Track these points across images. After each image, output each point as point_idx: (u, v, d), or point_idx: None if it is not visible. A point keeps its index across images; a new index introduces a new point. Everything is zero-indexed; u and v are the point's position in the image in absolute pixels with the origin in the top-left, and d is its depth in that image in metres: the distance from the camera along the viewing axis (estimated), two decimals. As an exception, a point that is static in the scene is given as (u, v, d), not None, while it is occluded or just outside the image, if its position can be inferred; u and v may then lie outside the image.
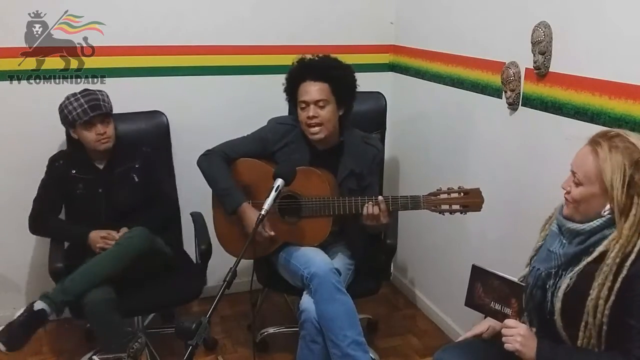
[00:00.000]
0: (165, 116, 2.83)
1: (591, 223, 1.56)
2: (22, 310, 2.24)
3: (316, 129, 2.37)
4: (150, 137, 2.78)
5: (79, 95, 2.44)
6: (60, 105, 2.46)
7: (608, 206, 1.53)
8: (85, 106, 2.41)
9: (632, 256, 1.48)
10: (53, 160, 2.54)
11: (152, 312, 2.87)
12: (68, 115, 2.42)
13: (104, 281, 2.28)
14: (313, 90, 2.36)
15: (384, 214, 2.28)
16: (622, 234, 1.50)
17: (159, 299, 2.50)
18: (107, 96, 2.52)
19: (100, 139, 2.46)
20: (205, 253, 2.51)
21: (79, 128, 2.45)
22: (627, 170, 1.49)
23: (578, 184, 1.57)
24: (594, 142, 1.55)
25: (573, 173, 1.59)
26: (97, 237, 2.42)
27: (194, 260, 2.73)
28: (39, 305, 2.23)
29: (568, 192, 1.61)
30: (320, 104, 2.36)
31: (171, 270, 2.55)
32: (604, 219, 1.54)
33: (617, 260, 1.49)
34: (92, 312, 2.25)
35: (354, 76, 2.45)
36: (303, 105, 2.38)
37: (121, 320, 2.32)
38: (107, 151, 2.52)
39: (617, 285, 1.49)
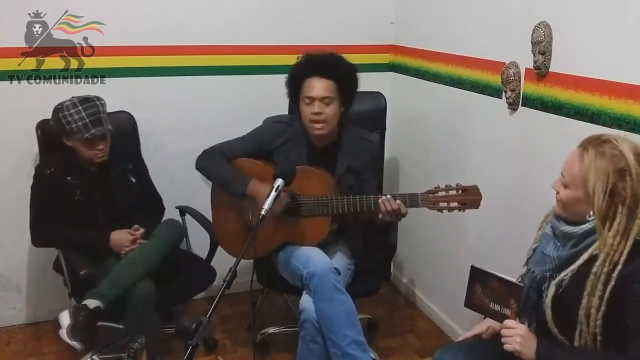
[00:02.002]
0: (132, 115, 2.78)
1: (582, 226, 1.56)
2: (69, 314, 2.23)
3: (320, 125, 2.38)
4: (126, 136, 2.74)
5: (80, 107, 2.35)
6: (58, 111, 2.37)
7: (592, 211, 1.53)
8: (87, 120, 2.34)
9: (619, 266, 1.48)
10: (42, 169, 2.47)
11: (175, 304, 2.86)
12: (66, 125, 2.35)
13: (146, 274, 2.33)
14: (319, 86, 2.36)
15: (402, 205, 2.27)
16: (605, 243, 1.50)
17: (182, 289, 2.55)
18: (105, 105, 2.45)
19: (98, 154, 2.43)
20: (215, 241, 2.59)
21: (77, 141, 2.39)
22: (610, 178, 1.48)
23: (565, 187, 1.59)
24: (583, 146, 1.55)
25: (561, 174, 1.61)
26: (123, 240, 2.43)
27: (188, 251, 2.80)
28: (94, 303, 2.24)
29: (557, 192, 1.62)
30: (326, 100, 2.37)
31: (177, 263, 2.58)
32: (594, 222, 1.54)
33: (604, 269, 1.49)
34: (141, 303, 2.28)
35: (357, 74, 2.46)
36: (308, 100, 2.38)
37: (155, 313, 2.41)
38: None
39: (607, 295, 1.48)
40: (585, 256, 1.54)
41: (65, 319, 2.24)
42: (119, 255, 2.43)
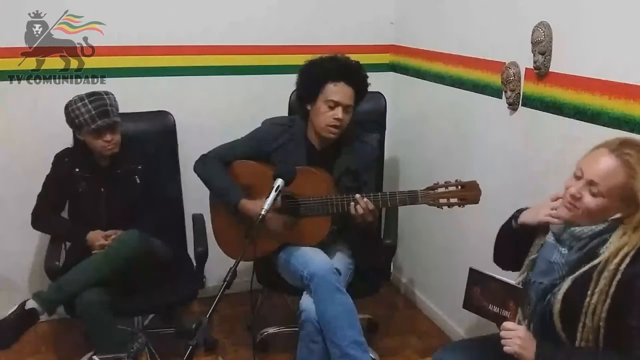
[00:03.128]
0: (172, 116, 2.82)
1: (593, 227, 1.55)
2: (14, 309, 2.24)
3: (336, 130, 2.39)
4: (154, 137, 2.79)
5: (87, 100, 2.38)
6: (67, 106, 2.41)
7: (619, 215, 1.51)
8: (93, 112, 2.36)
9: (627, 259, 1.48)
10: (59, 157, 2.53)
11: (148, 313, 2.86)
12: (75, 119, 2.39)
13: (98, 282, 2.28)
14: (347, 93, 2.37)
15: (367, 211, 2.28)
16: (630, 242, 1.49)
17: (155, 300, 2.49)
18: (114, 99, 2.47)
19: (107, 146, 2.44)
20: (201, 256, 2.50)
21: (86, 134, 2.41)
22: None
23: (597, 195, 1.51)
24: (621, 153, 1.49)
25: (590, 182, 1.51)
26: (96, 238, 2.41)
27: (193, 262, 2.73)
28: (31, 304, 2.24)
29: (578, 199, 1.54)
30: (348, 109, 2.38)
31: (169, 272, 2.54)
32: (606, 223, 1.53)
33: (620, 266, 1.48)
34: (84, 312, 2.26)
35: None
36: (332, 104, 2.36)
37: (114, 321, 2.33)
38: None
39: (613, 289, 1.48)
40: (606, 253, 1.51)
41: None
42: None
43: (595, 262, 1.53)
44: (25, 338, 2.88)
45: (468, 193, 2.22)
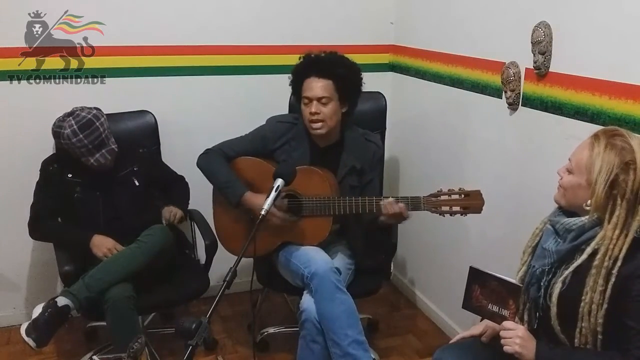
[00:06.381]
0: (154, 115, 2.82)
1: (582, 219, 1.56)
2: (41, 308, 2.23)
3: (318, 124, 2.39)
4: (152, 137, 2.82)
5: (81, 136, 2.35)
6: (59, 135, 2.38)
7: (590, 200, 1.54)
8: (90, 146, 2.36)
9: (619, 262, 1.49)
10: (47, 164, 2.51)
11: (162, 309, 2.87)
12: (69, 149, 2.39)
13: (126, 278, 2.30)
14: (317, 86, 2.37)
15: (404, 208, 2.27)
16: (605, 235, 1.51)
17: (170, 296, 2.50)
18: (105, 119, 2.45)
19: (99, 166, 2.44)
20: (210, 247, 2.53)
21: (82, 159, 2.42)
22: (615, 169, 1.50)
23: (569, 172, 1.61)
24: (596, 136, 1.57)
25: (569, 160, 1.63)
26: (102, 244, 2.40)
27: (193, 257, 2.77)
28: (63, 301, 2.23)
29: (561, 178, 1.64)
30: (323, 100, 2.38)
31: (176, 267, 2.56)
32: (594, 217, 1.54)
33: (605, 264, 1.50)
34: (113, 309, 2.25)
35: (360, 74, 2.46)
36: (306, 100, 2.39)
37: (138, 318, 2.36)
38: None
39: (609, 292, 1.49)
40: (588, 250, 1.54)
41: (36, 312, 2.23)
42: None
43: (580, 260, 1.55)
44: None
45: (471, 202, 2.22)
